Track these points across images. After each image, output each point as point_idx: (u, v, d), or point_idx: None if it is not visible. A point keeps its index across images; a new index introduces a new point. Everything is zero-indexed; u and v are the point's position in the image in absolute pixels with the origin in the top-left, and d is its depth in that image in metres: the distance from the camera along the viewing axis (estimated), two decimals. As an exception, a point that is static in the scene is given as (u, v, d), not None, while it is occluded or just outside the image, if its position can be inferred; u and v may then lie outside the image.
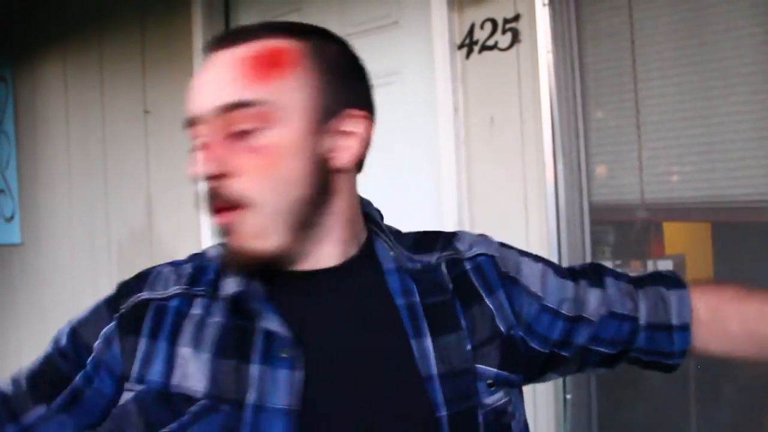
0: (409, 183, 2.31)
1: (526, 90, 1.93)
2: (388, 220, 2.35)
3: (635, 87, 1.87)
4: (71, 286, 3.48)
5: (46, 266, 3.66)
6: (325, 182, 0.87)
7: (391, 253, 0.95)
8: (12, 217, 3.83)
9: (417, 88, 2.27)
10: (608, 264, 1.84)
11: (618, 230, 1.94)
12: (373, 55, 2.37)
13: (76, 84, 3.44)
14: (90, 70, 3.33)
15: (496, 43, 2.00)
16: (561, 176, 1.89)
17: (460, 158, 2.07)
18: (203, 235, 2.78)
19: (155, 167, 3.02)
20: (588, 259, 1.91)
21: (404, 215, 2.32)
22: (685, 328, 0.99)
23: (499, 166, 2.00)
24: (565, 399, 1.88)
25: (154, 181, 3.03)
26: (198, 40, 2.78)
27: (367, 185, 2.41)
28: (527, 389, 1.90)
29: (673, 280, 1.03)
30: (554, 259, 1.87)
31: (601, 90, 1.93)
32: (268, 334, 0.83)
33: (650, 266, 1.86)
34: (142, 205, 3.07)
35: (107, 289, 3.18)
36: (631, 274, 1.07)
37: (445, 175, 2.09)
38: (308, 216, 0.86)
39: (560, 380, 1.88)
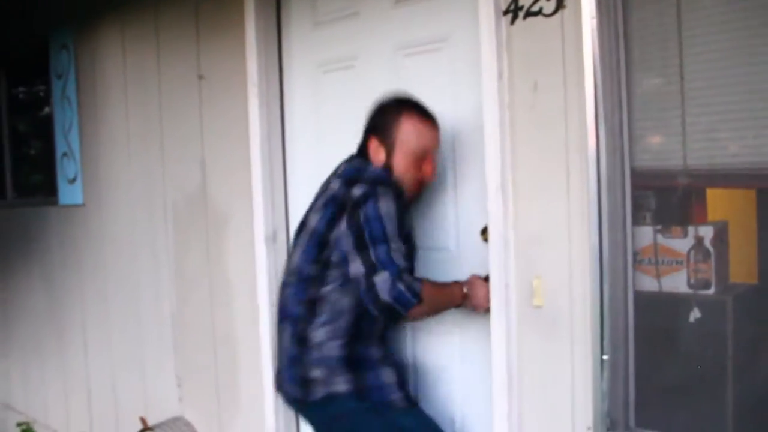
0: (453, 147, 2.35)
1: (570, 55, 1.94)
2: (435, 183, 2.41)
3: (680, 52, 1.86)
4: (130, 245, 3.62)
5: (106, 226, 3.80)
6: None
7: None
8: (75, 179, 3.97)
9: (462, 54, 2.30)
10: (649, 230, 1.88)
11: (660, 196, 1.95)
12: (421, 22, 2.41)
13: (133, 51, 3.54)
14: (146, 37, 3.43)
15: (541, 8, 2.01)
16: (603, 141, 1.90)
17: (503, 123, 2.09)
18: (255, 199, 2.87)
19: (209, 131, 3.11)
20: (629, 224, 1.93)
21: (449, 178, 2.38)
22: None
23: (542, 131, 2.02)
24: (602, 360, 1.92)
25: (208, 145, 3.12)
26: (249, 7, 2.84)
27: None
28: (564, 351, 1.95)
29: None
30: (595, 225, 1.90)
31: (645, 55, 1.92)
32: None
33: (691, 232, 1.86)
34: (196, 168, 3.17)
35: (164, 248, 3.35)
36: None
37: (488, 140, 2.12)
38: None
39: (598, 341, 1.91)
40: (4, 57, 4.79)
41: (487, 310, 2.17)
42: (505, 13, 2.09)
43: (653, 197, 1.95)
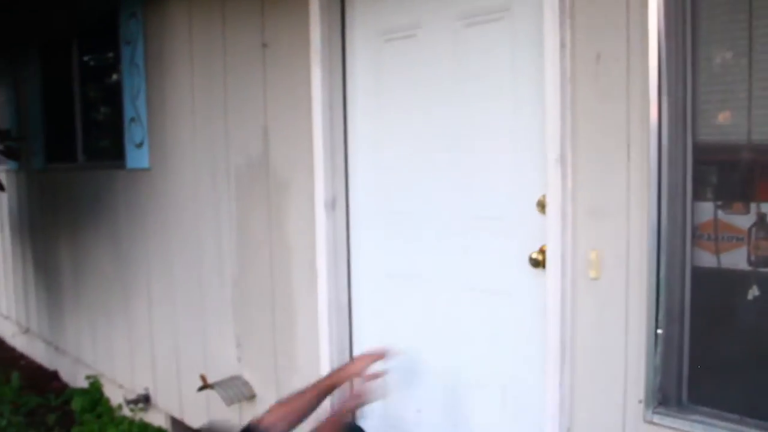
0: (514, 117, 2.35)
1: (635, 26, 1.91)
2: (492, 153, 2.43)
3: (750, 25, 1.82)
4: (193, 209, 3.71)
5: (170, 190, 3.90)
6: None
7: None
8: (141, 144, 4.07)
9: (525, 24, 2.29)
10: (709, 205, 1.86)
11: (722, 171, 1.92)
12: (483, -9, 2.41)
13: (199, 19, 3.60)
14: (212, 6, 3.47)
15: (606, -23, 1.98)
16: (665, 114, 1.88)
17: (565, 94, 2.08)
18: (315, 166, 2.92)
19: (271, 98, 3.15)
20: (689, 199, 1.91)
21: (507, 148, 2.39)
22: None
23: (604, 102, 2.01)
24: (656, 334, 1.91)
25: (271, 112, 3.17)
26: (314, -25, 2.87)
27: (474, 119, 2.49)
28: (619, 323, 1.95)
29: None
30: (654, 199, 1.89)
31: (712, 27, 1.89)
32: None
33: (753, 209, 1.83)
34: (259, 134, 3.23)
35: (227, 213, 3.45)
36: None
37: (549, 111, 2.11)
38: None
39: (653, 315, 1.91)
40: (75, 26, 4.93)
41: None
42: (570, -18, 2.07)
43: (715, 172, 1.92)
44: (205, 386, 3.45)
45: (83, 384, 4.96)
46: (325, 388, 2.34)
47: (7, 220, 6.33)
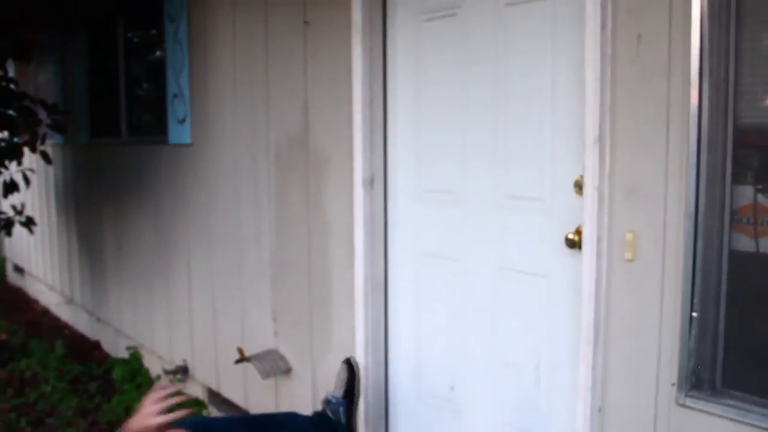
0: (553, 98, 2.34)
1: (677, 6, 1.89)
2: (530, 133, 2.43)
3: (796, 6, 1.79)
4: (233, 184, 3.77)
5: (212, 166, 3.96)
6: None
7: None
8: (184, 119, 4.13)
9: (566, 5, 2.27)
10: (749, 189, 1.84)
11: (763, 154, 1.89)
12: (525, -30, 2.39)
13: (243, -4, 3.64)
14: (256, -18, 3.51)
15: (650, -43, 1.96)
16: (706, 96, 1.86)
17: (604, 75, 2.07)
18: (354, 143, 2.94)
19: (312, 76, 3.18)
20: (728, 182, 1.90)
21: (546, 129, 2.39)
22: None
23: (644, 84, 1.99)
24: (691, 317, 1.91)
25: (311, 89, 3.19)
26: (355, -46, 2.88)
27: (511, 98, 2.49)
28: (653, 305, 1.95)
29: None
30: (693, 181, 1.88)
31: (757, 8, 1.86)
32: None
33: (794, 192, 1.82)
34: (299, 111, 3.26)
35: (266, 189, 3.49)
36: None
37: (588, 92, 2.10)
38: None
39: (688, 298, 1.91)
40: (121, 4, 5.00)
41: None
42: (612, -39, 2.05)
43: (756, 156, 1.90)
44: (242, 359, 3.51)
45: (124, 354, 5.09)
46: None
47: (54, 193, 6.48)
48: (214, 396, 4.13)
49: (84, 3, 5.28)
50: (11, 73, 5.28)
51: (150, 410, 1.89)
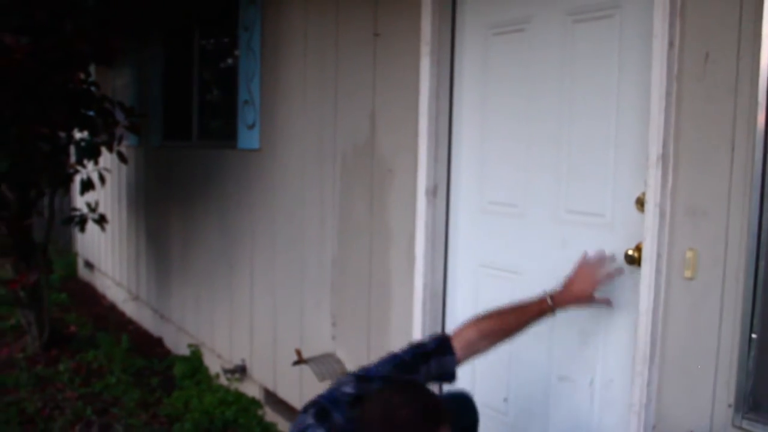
0: (617, 115, 2.35)
1: (747, 25, 1.89)
2: (593, 150, 2.44)
3: None
4: (299, 190, 3.85)
5: (278, 171, 4.05)
6: None
7: None
8: (253, 125, 4.24)
9: (633, 21, 2.29)
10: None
11: (829, 177, 1.88)
12: (593, -12, 2.42)
13: (314, 8, 3.72)
14: (329, -6, 3.60)
15: (721, -24, 1.97)
16: (774, 117, 1.86)
17: (670, 93, 2.08)
18: (419, 154, 2.99)
19: (380, 87, 3.24)
20: (793, 204, 1.88)
21: (609, 145, 2.39)
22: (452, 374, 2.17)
23: (710, 103, 1.99)
24: (750, 338, 1.90)
25: (379, 100, 3.25)
26: (426, -33, 2.94)
27: (576, 113, 2.51)
28: (712, 325, 1.92)
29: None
30: (756, 202, 1.87)
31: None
32: None
33: None
34: (366, 121, 3.32)
35: (330, 195, 3.56)
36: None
37: (653, 110, 2.11)
38: None
39: (748, 319, 1.89)
40: (198, 13, 5.17)
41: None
42: (682, -20, 2.06)
43: (823, 178, 1.88)
44: (300, 361, 3.58)
45: (185, 351, 5.24)
46: (533, 314, 2.31)
47: (125, 193, 6.70)
48: (270, 396, 4.21)
49: (163, 12, 5.47)
50: (92, 77, 5.49)
51: (593, 278, 2.29)
